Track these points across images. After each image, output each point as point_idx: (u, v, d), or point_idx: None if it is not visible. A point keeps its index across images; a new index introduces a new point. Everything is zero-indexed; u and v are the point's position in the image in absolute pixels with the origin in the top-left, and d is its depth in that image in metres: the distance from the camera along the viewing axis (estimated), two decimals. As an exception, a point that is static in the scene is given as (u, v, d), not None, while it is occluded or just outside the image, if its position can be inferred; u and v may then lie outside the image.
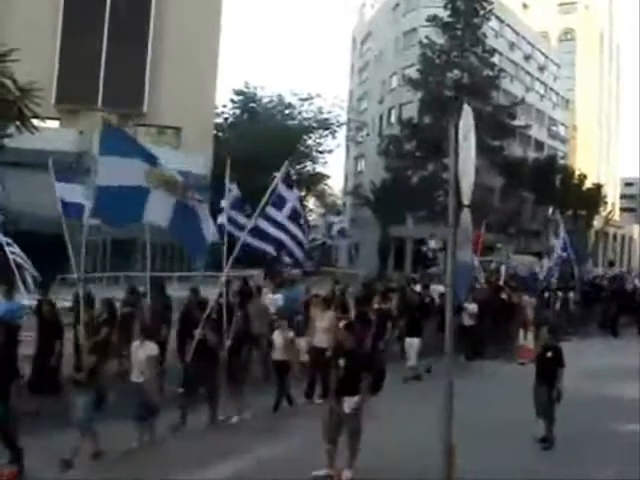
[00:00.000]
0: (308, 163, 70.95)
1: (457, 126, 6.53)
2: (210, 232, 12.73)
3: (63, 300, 18.32)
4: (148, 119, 50.41)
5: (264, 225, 13.84)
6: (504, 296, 23.93)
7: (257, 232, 13.94)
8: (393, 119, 71.08)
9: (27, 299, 17.60)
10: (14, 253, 19.54)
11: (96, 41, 48.36)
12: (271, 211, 13.80)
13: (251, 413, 13.22)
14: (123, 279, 31.06)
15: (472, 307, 21.03)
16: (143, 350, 11.35)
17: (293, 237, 14.19)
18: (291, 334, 14.27)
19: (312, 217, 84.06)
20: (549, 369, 12.10)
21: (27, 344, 13.88)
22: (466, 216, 6.76)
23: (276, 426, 13.01)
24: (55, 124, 47.83)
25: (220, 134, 61.29)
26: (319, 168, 72.87)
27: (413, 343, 17.98)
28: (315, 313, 16.24)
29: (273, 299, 19.84)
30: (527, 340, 22.37)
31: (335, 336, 12.28)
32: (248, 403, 13.35)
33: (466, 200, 6.69)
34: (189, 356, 12.94)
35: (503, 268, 30.96)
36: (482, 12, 58.38)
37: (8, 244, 19.59)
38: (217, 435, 12.33)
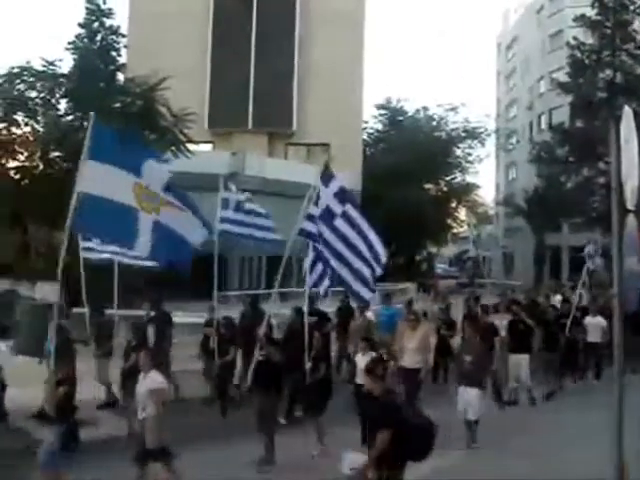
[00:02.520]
0: (458, 174, 70.27)
1: (618, 128, 6.26)
2: (195, 238, 10.80)
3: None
4: (297, 138, 51.30)
5: (311, 227, 12.29)
6: None
7: (305, 234, 12.55)
8: (543, 125, 69.59)
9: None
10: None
11: (244, 64, 49.73)
12: (315, 212, 12.21)
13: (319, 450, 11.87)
14: (277, 295, 31.60)
15: (596, 321, 19.03)
16: (146, 382, 9.77)
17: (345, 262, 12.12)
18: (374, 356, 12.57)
19: (464, 228, 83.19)
20: None
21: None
22: (631, 222, 6.46)
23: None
24: (209, 147, 49.44)
25: (366, 149, 61.62)
26: (469, 178, 72.03)
27: (519, 361, 16.26)
28: (404, 331, 14.93)
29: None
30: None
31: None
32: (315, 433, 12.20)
33: (630, 205, 6.40)
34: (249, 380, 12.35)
35: None
36: (632, 7, 56.17)
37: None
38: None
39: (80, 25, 33.26)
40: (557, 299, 22.36)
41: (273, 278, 15.92)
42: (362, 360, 12.68)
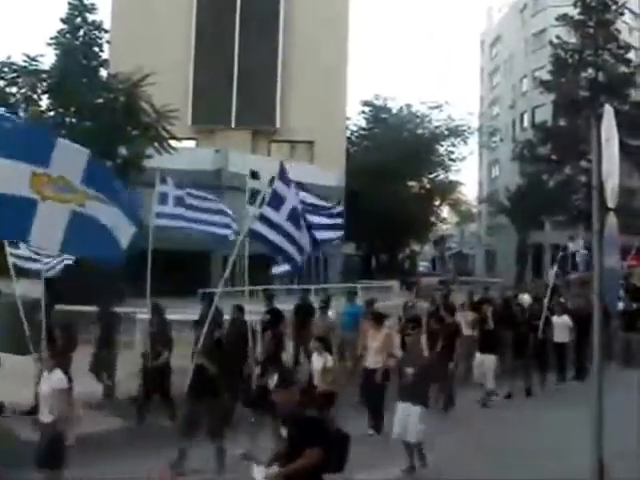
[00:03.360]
0: (441, 172, 70.43)
1: (599, 127, 6.27)
2: (125, 231, 9.41)
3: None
4: (280, 135, 51.27)
5: (261, 228, 11.91)
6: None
7: (254, 236, 12.17)
8: (526, 123, 69.77)
9: None
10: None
11: (227, 61, 49.67)
12: (268, 212, 11.90)
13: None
14: (261, 293, 31.50)
15: (562, 320, 18.43)
16: (49, 382, 9.13)
17: (292, 240, 12.05)
18: (330, 358, 12.40)
19: (447, 226, 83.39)
20: None
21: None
22: (612, 220, 6.47)
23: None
24: (192, 144, 49.29)
25: (350, 146, 61.72)
26: (452, 176, 72.37)
27: (485, 361, 15.91)
28: (367, 331, 14.46)
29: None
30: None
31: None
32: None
33: (611, 203, 6.41)
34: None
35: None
36: (614, 7, 56.43)
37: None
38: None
39: (62, 20, 33.02)
40: (525, 299, 21.81)
41: (257, 276, 15.59)
42: (317, 361, 12.37)
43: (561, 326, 18.33)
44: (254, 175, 12.86)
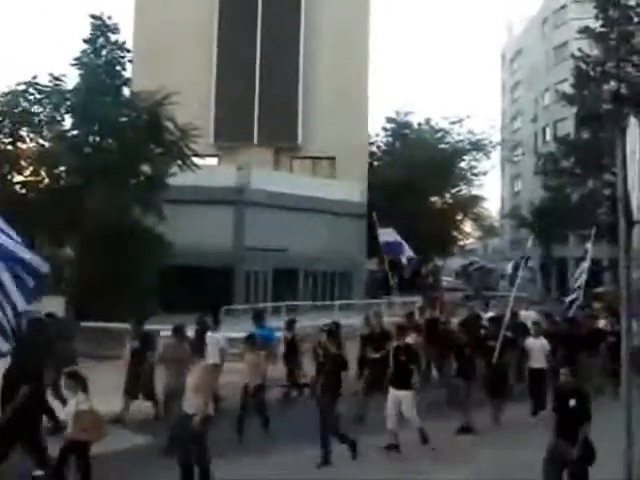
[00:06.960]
0: (463, 186, 70.19)
1: (624, 140, 6.23)
2: None
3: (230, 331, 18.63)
4: (303, 151, 51.31)
5: None
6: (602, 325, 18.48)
7: None
8: (548, 137, 69.58)
9: None
10: None
11: (249, 79, 49.81)
12: None
13: None
14: (285, 309, 31.53)
15: (540, 344, 16.03)
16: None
17: None
18: (84, 399, 9.65)
19: (470, 241, 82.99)
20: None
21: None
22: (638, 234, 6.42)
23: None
24: (214, 161, 49.47)
25: (375, 162, 61.75)
26: (474, 191, 71.90)
27: (398, 398, 12.57)
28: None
29: (215, 339, 15.28)
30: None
31: None
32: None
33: (637, 216, 6.36)
34: None
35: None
36: (637, 19, 56.15)
37: None
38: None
39: (85, 41, 33.36)
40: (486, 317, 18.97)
41: (281, 292, 15.46)
42: (70, 402, 9.94)
43: (539, 350, 16.00)
44: None
